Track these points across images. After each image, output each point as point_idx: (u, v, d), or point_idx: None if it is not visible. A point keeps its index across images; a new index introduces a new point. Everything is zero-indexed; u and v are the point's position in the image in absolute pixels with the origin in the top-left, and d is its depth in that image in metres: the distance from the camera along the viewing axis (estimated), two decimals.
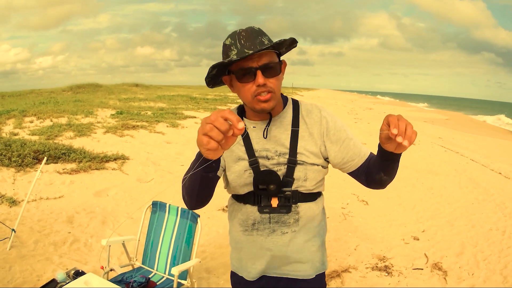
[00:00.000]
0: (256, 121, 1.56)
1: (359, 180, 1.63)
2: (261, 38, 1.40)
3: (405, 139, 1.12)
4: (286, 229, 1.58)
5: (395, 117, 1.15)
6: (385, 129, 1.19)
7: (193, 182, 1.34)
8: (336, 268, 3.99)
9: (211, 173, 1.29)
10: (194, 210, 1.53)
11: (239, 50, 1.37)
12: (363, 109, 30.38)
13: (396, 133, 1.11)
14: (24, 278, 3.46)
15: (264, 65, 1.38)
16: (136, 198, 5.87)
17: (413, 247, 4.61)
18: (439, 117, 30.46)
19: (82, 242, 4.30)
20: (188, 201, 1.46)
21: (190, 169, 1.30)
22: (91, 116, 12.87)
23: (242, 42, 1.38)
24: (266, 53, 1.39)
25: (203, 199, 1.45)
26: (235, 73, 1.40)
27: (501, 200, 6.48)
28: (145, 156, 8.35)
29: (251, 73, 1.37)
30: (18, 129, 10.13)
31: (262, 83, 1.37)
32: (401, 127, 1.12)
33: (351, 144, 1.56)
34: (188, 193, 1.41)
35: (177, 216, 3.15)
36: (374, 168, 1.47)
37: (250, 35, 1.39)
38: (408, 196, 6.61)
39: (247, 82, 1.39)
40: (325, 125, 1.54)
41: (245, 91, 1.42)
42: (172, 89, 38.14)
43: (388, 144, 1.23)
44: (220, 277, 3.72)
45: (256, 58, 1.37)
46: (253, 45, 1.37)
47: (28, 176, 6.28)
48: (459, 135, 17.84)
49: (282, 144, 1.52)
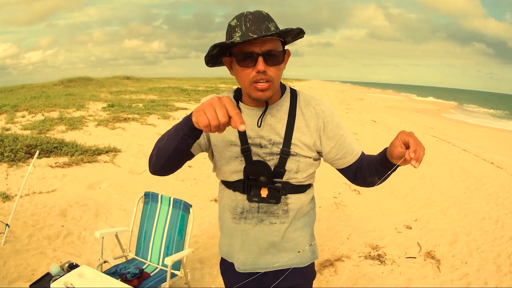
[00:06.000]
0: (252, 106, 1.52)
1: (346, 176, 1.64)
2: (268, 23, 1.34)
3: (418, 162, 1.17)
4: (275, 219, 1.57)
5: (414, 139, 1.21)
6: (398, 146, 1.25)
7: (169, 143, 1.32)
8: (329, 257, 4.02)
9: (190, 140, 1.27)
10: (155, 174, 1.48)
11: (243, 33, 1.32)
12: (354, 100, 30.43)
13: (413, 157, 1.17)
14: (19, 272, 3.45)
15: (266, 52, 1.33)
16: (129, 190, 5.86)
17: (405, 236, 4.64)
18: (430, 108, 30.58)
19: (76, 235, 4.29)
20: (154, 162, 1.43)
21: (171, 130, 1.31)
22: (83, 110, 12.79)
23: (248, 25, 1.32)
24: (270, 39, 1.34)
25: (169, 165, 1.43)
26: (236, 55, 1.36)
27: (494, 190, 6.55)
28: (137, 148, 8.33)
29: (252, 58, 1.33)
30: (10, 124, 10.06)
31: (262, 69, 1.33)
32: (419, 152, 1.18)
33: (346, 141, 1.55)
34: (159, 153, 1.39)
35: (169, 206, 3.15)
36: (369, 171, 1.49)
37: (257, 19, 1.33)
38: (400, 185, 6.65)
39: (247, 67, 1.35)
40: (323, 119, 1.52)
41: (243, 75, 1.38)
42: (162, 81, 37.98)
43: (395, 159, 1.30)
44: (213, 267, 3.73)
45: (260, 44, 1.32)
46: (258, 29, 1.32)
47: (21, 171, 6.24)
48: (451, 125, 17.94)
49: (277, 133, 1.50)
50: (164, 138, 1.35)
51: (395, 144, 1.26)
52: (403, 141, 1.24)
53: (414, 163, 1.16)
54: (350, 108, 21.08)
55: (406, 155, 1.18)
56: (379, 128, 13.54)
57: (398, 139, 1.25)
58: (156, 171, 1.46)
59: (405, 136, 1.23)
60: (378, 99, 35.73)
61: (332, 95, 34.79)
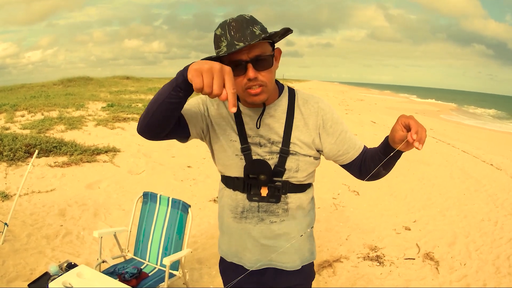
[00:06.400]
0: (250, 107, 1.52)
1: (351, 173, 1.63)
2: (252, 28, 1.32)
3: (421, 143, 1.18)
4: (275, 218, 1.57)
5: (414, 121, 1.22)
6: (399, 130, 1.25)
7: (160, 92, 1.27)
8: (327, 258, 4.02)
9: (182, 92, 1.22)
10: (140, 133, 1.40)
11: (229, 42, 1.30)
12: (354, 100, 30.43)
13: (415, 138, 1.18)
14: (18, 272, 3.45)
15: (255, 58, 1.32)
16: (128, 190, 5.85)
17: (404, 237, 4.64)
18: (430, 109, 30.59)
19: (75, 234, 4.29)
20: (142, 117, 1.37)
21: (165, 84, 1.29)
22: (82, 109, 12.79)
23: (232, 33, 1.31)
24: (257, 44, 1.32)
25: (155, 121, 1.33)
26: (226, 65, 1.32)
27: (493, 191, 6.55)
28: (136, 148, 8.32)
29: (242, 66, 1.32)
30: (10, 123, 10.05)
31: (253, 77, 1.33)
32: (421, 133, 1.19)
33: (346, 137, 1.55)
34: (149, 106, 1.31)
35: (168, 206, 3.15)
36: (372, 162, 1.48)
37: (241, 26, 1.31)
38: (400, 186, 6.65)
39: (238, 76, 1.34)
40: (322, 116, 1.52)
41: (236, 83, 1.34)
42: (162, 81, 37.92)
43: (398, 144, 1.29)
44: (212, 268, 3.73)
45: (246, 51, 1.31)
46: (243, 36, 1.30)
47: (20, 170, 6.24)
48: (450, 126, 17.94)
49: (276, 132, 1.50)
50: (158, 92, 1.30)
51: (396, 129, 1.27)
52: (403, 125, 1.24)
53: (417, 145, 1.18)
54: (349, 109, 21.07)
55: (408, 137, 1.20)
56: (378, 129, 13.53)
57: (398, 123, 1.26)
58: (142, 128, 1.39)
59: (405, 119, 1.24)
60: (377, 100, 35.75)
61: (331, 95, 34.78)
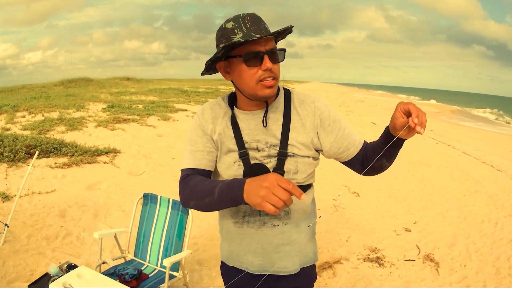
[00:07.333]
0: (247, 111, 1.52)
1: (353, 169, 1.62)
2: (264, 24, 1.40)
3: (422, 127, 1.19)
4: (277, 221, 1.56)
5: (414, 106, 1.22)
6: (399, 116, 1.26)
7: (215, 204, 1.36)
8: (327, 260, 4.02)
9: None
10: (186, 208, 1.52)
11: (245, 33, 1.34)
12: (354, 102, 30.44)
13: (416, 122, 1.19)
14: (18, 273, 3.45)
15: (270, 50, 1.37)
16: (128, 191, 5.86)
17: (405, 238, 4.64)
18: (430, 110, 30.57)
19: (75, 235, 4.29)
20: (195, 204, 1.45)
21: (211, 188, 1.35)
22: (83, 110, 12.81)
23: (248, 25, 1.36)
24: (270, 39, 1.38)
25: (207, 210, 1.46)
26: (242, 56, 1.37)
27: (493, 192, 6.55)
28: (137, 149, 8.33)
29: (258, 57, 1.35)
30: (10, 124, 10.08)
31: (270, 67, 1.36)
32: (421, 117, 1.20)
33: (345, 133, 1.55)
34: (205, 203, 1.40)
35: (168, 208, 3.15)
36: (374, 155, 1.47)
37: (255, 20, 1.38)
38: (400, 187, 6.65)
39: (253, 67, 1.37)
40: (319, 116, 1.52)
41: (249, 75, 1.38)
42: (163, 83, 38.02)
43: (399, 131, 1.29)
44: (212, 269, 3.73)
45: (263, 43, 1.36)
46: (259, 29, 1.36)
47: (20, 171, 6.25)
48: (450, 127, 17.93)
49: (274, 135, 1.49)
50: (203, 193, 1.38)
51: (396, 116, 1.27)
52: (403, 111, 1.25)
53: (419, 129, 1.18)
54: (350, 110, 21.08)
55: (410, 122, 1.21)
56: (379, 130, 13.49)
57: (398, 110, 1.26)
58: (191, 208, 1.49)
59: (404, 105, 1.25)
60: (378, 101, 35.72)
61: (332, 97, 34.79)
